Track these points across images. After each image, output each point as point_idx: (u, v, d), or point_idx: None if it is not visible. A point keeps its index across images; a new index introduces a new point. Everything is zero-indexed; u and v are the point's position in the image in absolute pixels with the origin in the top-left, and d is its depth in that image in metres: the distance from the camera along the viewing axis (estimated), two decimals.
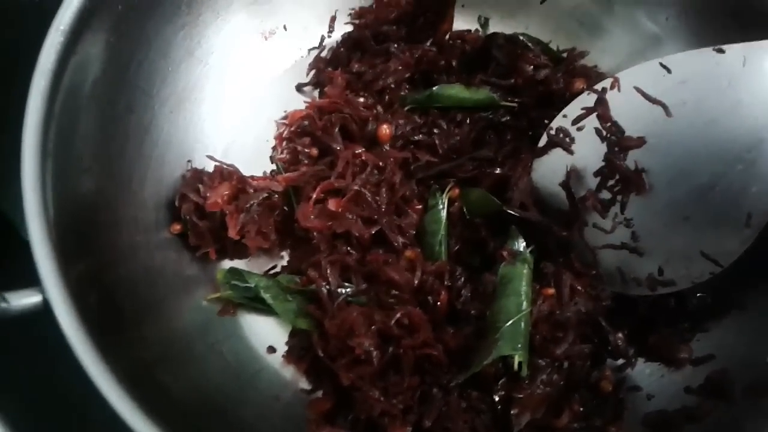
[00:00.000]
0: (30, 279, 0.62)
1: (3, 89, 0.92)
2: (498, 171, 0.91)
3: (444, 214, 0.88)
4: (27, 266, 0.62)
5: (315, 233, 0.86)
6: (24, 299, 0.61)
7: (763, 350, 0.75)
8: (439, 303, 0.82)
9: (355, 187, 0.86)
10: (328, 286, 0.82)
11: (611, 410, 0.81)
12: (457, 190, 0.90)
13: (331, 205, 0.85)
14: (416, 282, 0.82)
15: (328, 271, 0.83)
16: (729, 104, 0.75)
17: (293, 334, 0.87)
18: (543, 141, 0.88)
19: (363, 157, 0.88)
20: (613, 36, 1.00)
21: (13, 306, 0.61)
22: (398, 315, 0.79)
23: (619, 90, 0.83)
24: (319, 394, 0.84)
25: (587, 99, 0.85)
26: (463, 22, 1.04)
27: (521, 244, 0.85)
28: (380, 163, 0.88)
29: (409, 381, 0.77)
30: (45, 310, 0.61)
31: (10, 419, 0.50)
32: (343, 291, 0.82)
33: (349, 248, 0.86)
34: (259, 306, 0.86)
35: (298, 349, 0.86)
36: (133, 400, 0.59)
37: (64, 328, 0.60)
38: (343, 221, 0.85)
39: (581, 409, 0.81)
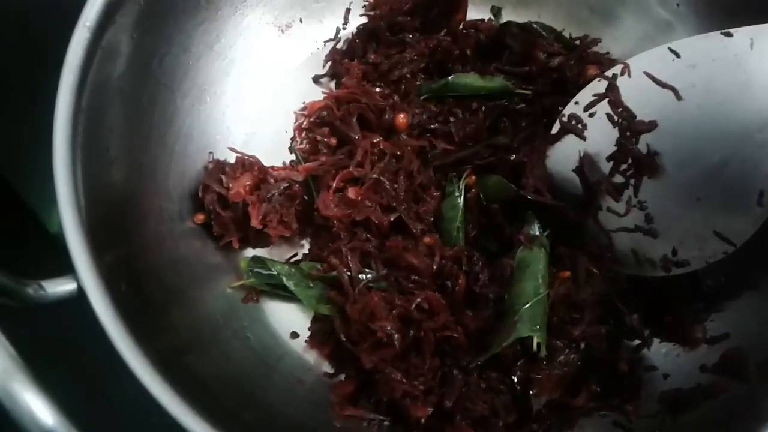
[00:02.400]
0: (57, 269, 0.64)
1: (27, 87, 0.95)
2: (513, 158, 0.92)
3: (461, 200, 0.90)
4: (53, 257, 0.65)
5: (335, 221, 0.87)
6: (59, 287, 0.64)
7: None
8: (457, 287, 0.83)
9: (374, 176, 0.87)
10: (349, 273, 0.84)
11: (628, 389, 0.82)
12: (473, 177, 0.91)
13: (351, 193, 0.87)
14: (435, 267, 0.84)
15: (349, 258, 0.85)
16: (738, 86, 0.76)
17: (316, 320, 0.89)
18: (556, 128, 0.89)
19: (381, 146, 0.89)
20: (625, 23, 1.01)
21: (49, 293, 0.63)
22: (418, 299, 0.80)
23: (629, 76, 0.84)
24: (342, 377, 0.86)
25: (598, 85, 0.86)
26: (476, 12, 1.05)
27: (538, 229, 0.86)
28: (398, 152, 0.90)
29: (430, 363, 0.79)
30: (79, 297, 0.63)
31: (58, 401, 0.53)
32: (364, 277, 0.84)
33: (368, 235, 0.88)
34: (282, 293, 0.88)
35: (321, 334, 0.88)
36: (165, 382, 0.61)
37: (98, 313, 0.62)
38: (362, 209, 0.87)
39: (598, 389, 0.82)
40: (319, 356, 0.88)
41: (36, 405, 0.51)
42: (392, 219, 0.87)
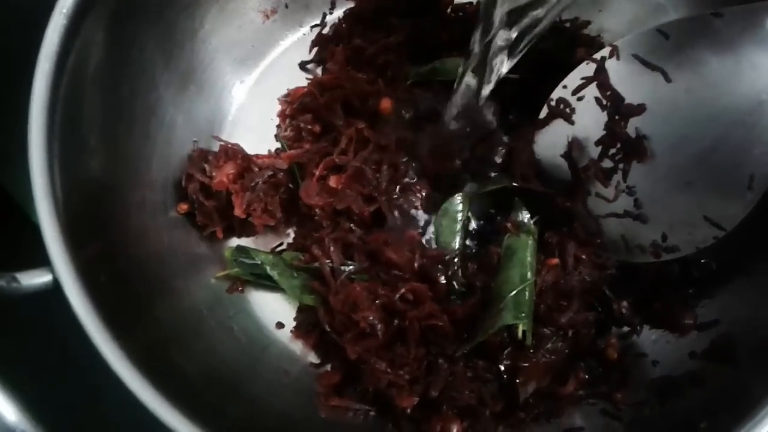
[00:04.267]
0: (42, 260, 0.63)
1: (7, 75, 0.94)
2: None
3: (460, 225, 0.89)
4: (38, 248, 0.64)
5: (317, 210, 0.87)
6: (34, 279, 0.63)
7: (766, 313, 0.76)
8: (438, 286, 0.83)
9: (356, 164, 0.86)
10: (331, 263, 0.83)
11: (617, 377, 0.82)
12: None
13: (332, 181, 0.86)
14: (416, 265, 0.83)
15: (331, 249, 0.84)
16: (728, 68, 0.75)
17: (300, 310, 0.88)
18: (544, 112, 0.88)
19: (365, 134, 0.89)
20: (617, 5, 0.99)
21: (23, 285, 0.62)
22: (402, 290, 0.80)
23: (617, 58, 0.83)
24: (328, 367, 0.85)
25: (586, 69, 0.85)
26: None
27: (525, 216, 0.86)
28: (382, 142, 0.89)
29: (415, 352, 0.78)
30: (55, 289, 0.62)
31: (21, 396, 0.52)
32: (346, 268, 0.83)
33: (352, 225, 0.87)
34: (266, 282, 0.88)
35: (306, 325, 0.87)
36: (145, 377, 0.60)
37: (74, 306, 0.61)
38: (343, 198, 0.86)
39: (587, 376, 0.82)
40: (305, 346, 0.87)
41: None
42: (372, 210, 0.86)
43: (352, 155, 0.87)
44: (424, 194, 0.91)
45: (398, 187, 0.90)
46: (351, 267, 0.83)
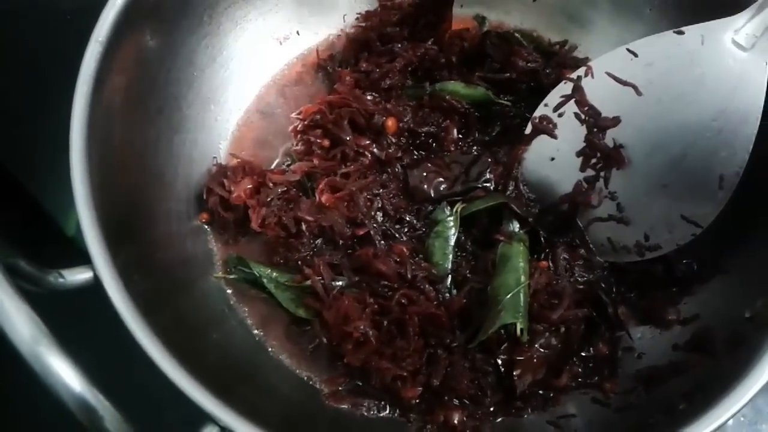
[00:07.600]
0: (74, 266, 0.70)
1: (40, 101, 1.01)
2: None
3: (452, 241, 0.92)
4: (71, 257, 0.71)
5: (303, 225, 0.92)
6: (77, 275, 0.70)
7: (742, 307, 0.79)
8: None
9: (352, 188, 0.92)
10: (322, 280, 0.87)
11: (607, 369, 0.86)
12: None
13: (324, 198, 0.91)
14: (409, 276, 0.87)
15: (321, 268, 0.88)
16: (692, 79, 0.82)
17: (294, 322, 0.91)
18: (528, 129, 0.94)
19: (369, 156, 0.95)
20: (600, 29, 1.05)
21: (68, 281, 0.69)
22: (397, 296, 0.84)
23: (592, 77, 0.89)
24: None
25: (565, 88, 0.91)
26: (462, 22, 1.08)
27: (515, 226, 0.91)
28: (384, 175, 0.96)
29: (415, 344, 0.83)
30: (95, 285, 0.69)
31: (84, 369, 0.57)
32: (337, 284, 0.87)
33: (336, 241, 0.91)
34: (260, 291, 0.91)
35: (306, 338, 0.90)
36: (174, 359, 0.66)
37: (112, 299, 0.67)
38: (328, 217, 0.91)
39: (580, 369, 0.87)
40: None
41: (64, 370, 0.56)
42: (361, 233, 0.91)
43: (355, 178, 0.93)
44: (414, 213, 0.96)
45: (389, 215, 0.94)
46: (341, 282, 0.88)
